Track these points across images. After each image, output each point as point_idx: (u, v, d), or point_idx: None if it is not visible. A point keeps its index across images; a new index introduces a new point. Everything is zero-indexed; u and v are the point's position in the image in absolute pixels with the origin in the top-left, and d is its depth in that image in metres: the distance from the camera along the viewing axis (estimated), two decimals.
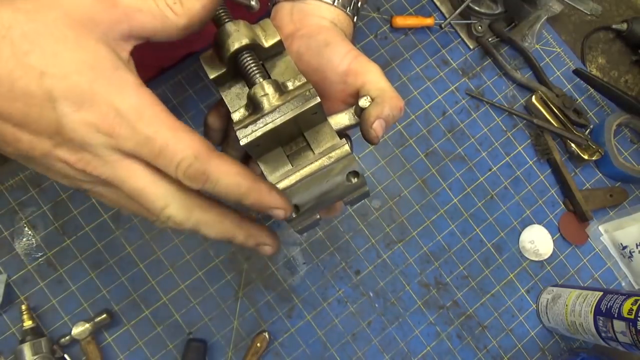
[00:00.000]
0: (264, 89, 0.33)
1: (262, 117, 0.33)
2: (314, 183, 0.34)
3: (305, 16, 0.43)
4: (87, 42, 0.27)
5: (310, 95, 0.33)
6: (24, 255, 0.63)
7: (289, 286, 0.67)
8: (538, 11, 0.73)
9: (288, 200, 0.33)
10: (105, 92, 0.26)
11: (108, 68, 0.27)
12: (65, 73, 0.26)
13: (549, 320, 0.67)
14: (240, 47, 0.34)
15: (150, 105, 0.27)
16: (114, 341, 0.63)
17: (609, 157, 0.72)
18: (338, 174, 0.34)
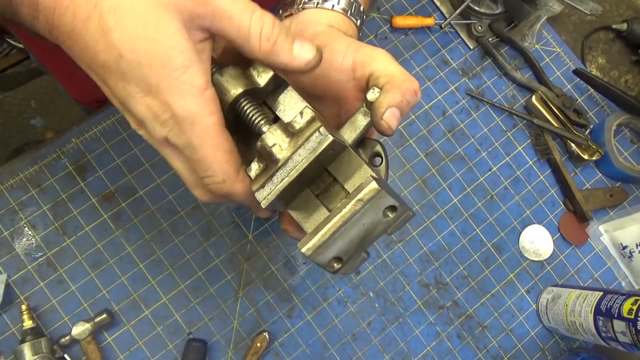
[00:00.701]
0: (272, 139, 0.31)
1: (276, 171, 0.31)
2: (351, 229, 0.31)
3: (303, 27, 0.42)
4: (167, 29, 0.27)
5: (321, 135, 0.31)
6: (24, 255, 0.63)
7: (289, 286, 0.67)
8: (538, 11, 0.73)
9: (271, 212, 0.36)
10: (168, 93, 0.28)
11: (179, 66, 0.28)
12: (139, 62, 0.27)
13: (549, 320, 0.67)
14: (235, 97, 0.32)
15: (205, 115, 0.29)
16: (114, 341, 0.63)
17: (609, 157, 0.72)
18: (374, 214, 0.31)
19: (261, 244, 0.67)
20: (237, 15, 0.29)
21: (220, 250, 0.66)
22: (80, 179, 0.65)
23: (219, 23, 0.29)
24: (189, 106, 0.28)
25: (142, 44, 0.27)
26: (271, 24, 0.30)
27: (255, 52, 0.31)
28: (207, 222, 0.67)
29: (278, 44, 0.31)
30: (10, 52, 1.35)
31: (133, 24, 0.27)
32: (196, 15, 0.28)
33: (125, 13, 0.27)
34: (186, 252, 0.66)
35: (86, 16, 0.27)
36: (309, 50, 0.32)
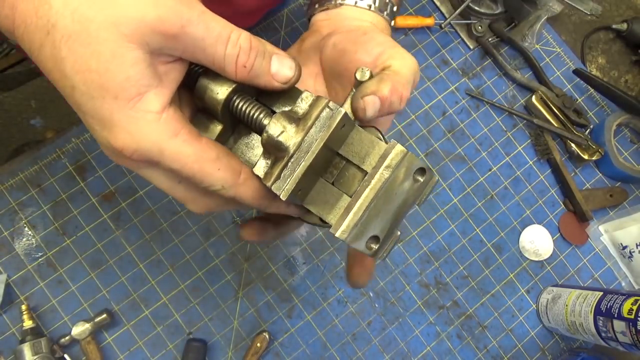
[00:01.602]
0: (277, 128, 0.29)
1: (289, 159, 0.29)
2: (384, 202, 0.29)
3: (344, 19, 0.42)
4: (125, 59, 0.26)
5: (332, 109, 0.29)
6: (24, 255, 0.63)
7: (289, 286, 0.67)
8: (538, 11, 0.73)
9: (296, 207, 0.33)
10: (125, 125, 0.26)
11: (132, 96, 0.26)
12: (91, 95, 0.26)
13: (549, 320, 0.67)
14: (227, 96, 0.30)
15: (169, 138, 0.27)
16: (114, 341, 0.63)
17: (609, 157, 0.72)
18: (404, 180, 0.30)
19: (261, 244, 0.67)
20: (210, 46, 0.28)
21: (220, 250, 0.66)
22: (80, 179, 0.65)
23: (192, 55, 0.28)
24: (148, 135, 0.27)
25: (93, 76, 0.25)
26: (247, 49, 0.29)
27: (233, 78, 0.30)
28: (207, 222, 0.67)
29: (255, 68, 0.29)
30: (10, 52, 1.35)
31: (86, 55, 0.25)
32: (166, 47, 0.27)
33: (78, 43, 0.25)
34: (186, 252, 0.66)
35: (40, 44, 0.26)
36: (287, 69, 0.31)
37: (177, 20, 0.26)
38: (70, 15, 0.25)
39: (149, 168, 0.29)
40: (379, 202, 0.29)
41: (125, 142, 0.27)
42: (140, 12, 0.25)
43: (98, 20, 0.25)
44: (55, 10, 0.25)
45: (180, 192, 0.31)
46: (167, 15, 0.26)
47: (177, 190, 0.31)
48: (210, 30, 0.27)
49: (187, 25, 0.26)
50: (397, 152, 0.29)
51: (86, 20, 0.25)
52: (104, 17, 0.25)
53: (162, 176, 0.30)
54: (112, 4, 0.25)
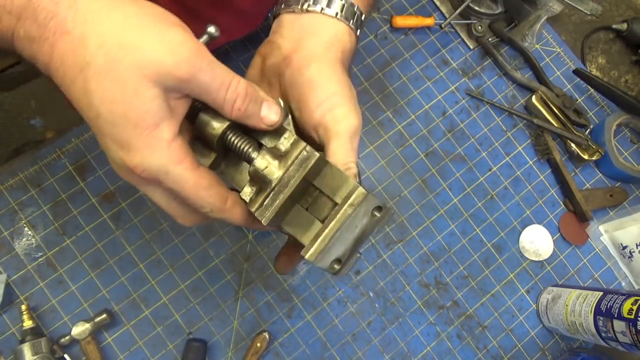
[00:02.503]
0: (263, 163, 0.35)
1: (271, 190, 0.34)
2: (346, 232, 0.35)
3: (306, 35, 0.42)
4: (145, 95, 0.31)
5: (308, 153, 0.34)
6: (24, 255, 0.63)
7: (289, 286, 0.67)
8: (538, 11, 0.73)
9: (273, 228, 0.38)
10: (140, 149, 0.31)
11: (150, 126, 0.31)
12: (113, 122, 0.31)
13: (549, 320, 0.67)
14: (222, 131, 0.35)
15: (175, 164, 0.32)
16: (114, 341, 0.63)
17: (609, 157, 0.72)
18: (364, 216, 0.35)
19: (261, 244, 0.67)
20: (214, 90, 0.33)
21: (220, 250, 0.66)
22: (80, 179, 0.65)
23: (198, 94, 0.33)
24: (158, 159, 0.32)
25: (118, 106, 0.30)
26: (243, 95, 0.34)
27: (227, 117, 0.35)
28: (211, 223, 0.67)
29: (247, 111, 0.35)
30: None
31: (113, 89, 0.30)
32: (178, 87, 0.32)
33: (107, 79, 0.30)
34: (186, 252, 0.66)
35: (73, 78, 0.30)
36: (274, 114, 0.36)
37: (190, 68, 0.31)
38: (103, 56, 0.30)
39: (151, 185, 0.34)
40: (342, 232, 0.35)
41: (138, 161, 0.32)
42: (161, 58, 0.30)
43: (126, 62, 0.30)
44: (91, 51, 0.30)
45: (173, 208, 0.36)
46: (182, 63, 0.31)
47: (171, 207, 0.36)
48: (216, 77, 0.33)
49: (197, 72, 0.31)
50: (359, 194, 0.35)
51: (116, 61, 0.30)
52: (131, 59, 0.30)
53: (161, 194, 0.35)
54: (138, 50, 0.30)
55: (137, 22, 0.31)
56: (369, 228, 0.36)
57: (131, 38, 0.30)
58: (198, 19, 0.53)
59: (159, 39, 0.31)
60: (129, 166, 0.32)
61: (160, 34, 0.31)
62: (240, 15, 0.57)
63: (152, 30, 0.31)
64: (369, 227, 0.36)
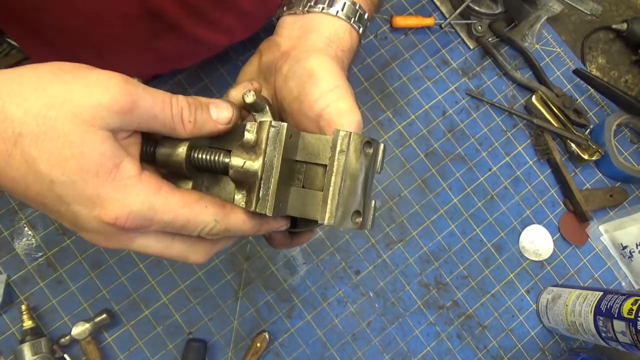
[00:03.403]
0: (239, 160, 0.33)
1: (260, 181, 0.33)
2: (350, 182, 0.33)
3: (305, 33, 0.42)
4: (94, 140, 0.28)
5: (276, 126, 0.33)
6: (24, 255, 0.63)
7: (289, 286, 0.67)
8: (538, 11, 0.73)
9: (283, 219, 0.37)
10: (113, 195, 0.29)
11: (111, 169, 0.29)
12: (73, 180, 0.28)
13: (549, 320, 0.67)
14: (186, 154, 0.34)
15: (156, 193, 0.30)
16: (114, 341, 0.63)
17: (609, 157, 0.72)
18: (358, 158, 0.33)
19: (261, 244, 0.67)
20: (160, 112, 0.31)
21: (220, 251, 0.66)
22: None
23: (146, 124, 0.31)
24: (136, 196, 0.29)
25: (71, 163, 0.28)
26: (187, 107, 0.32)
27: (183, 135, 0.33)
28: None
29: (198, 120, 0.33)
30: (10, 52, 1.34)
31: (58, 148, 0.27)
32: (123, 123, 0.29)
33: (47, 141, 0.27)
34: None
35: (7, 154, 0.27)
36: (225, 111, 0.34)
37: (128, 98, 0.29)
38: (34, 119, 0.27)
39: (141, 237, 0.31)
40: (347, 183, 0.33)
41: (116, 210, 0.29)
42: (95, 99, 0.28)
43: (61, 117, 0.27)
44: (18, 120, 0.27)
45: (177, 249, 0.33)
46: (119, 95, 0.29)
47: (174, 248, 0.33)
48: (156, 99, 0.31)
49: (137, 100, 0.29)
50: (343, 136, 0.33)
51: (50, 120, 0.27)
52: (65, 112, 0.27)
53: (156, 240, 0.32)
54: (69, 100, 0.28)
55: (53, 77, 0.28)
56: (370, 168, 0.34)
57: (55, 94, 0.28)
58: (203, 20, 0.53)
59: (85, 84, 0.29)
60: (109, 222, 0.29)
61: (84, 79, 0.29)
62: (244, 17, 0.57)
63: (73, 79, 0.29)
64: (369, 166, 0.34)
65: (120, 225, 0.29)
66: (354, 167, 0.33)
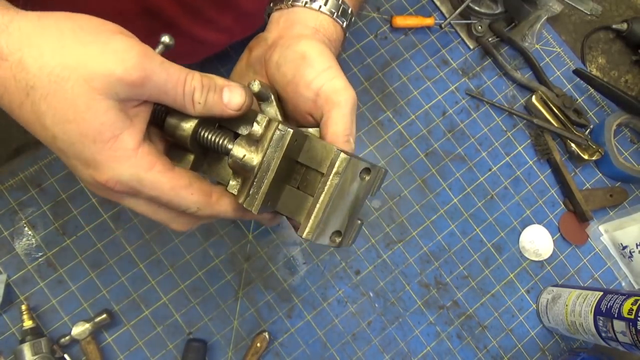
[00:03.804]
0: (241, 151, 0.34)
1: (255, 177, 0.33)
2: (338, 202, 0.33)
3: (291, 24, 0.43)
4: (98, 108, 0.29)
5: (282, 131, 0.33)
6: (24, 255, 0.63)
7: (289, 286, 0.67)
8: (538, 11, 0.73)
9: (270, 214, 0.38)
10: (106, 163, 0.30)
11: (109, 139, 0.30)
12: (72, 141, 0.30)
13: (549, 320, 0.67)
14: (192, 131, 0.34)
15: (146, 170, 0.31)
16: (114, 341, 0.63)
17: (609, 157, 0.72)
18: (352, 181, 0.34)
19: (261, 244, 0.67)
20: (172, 89, 0.32)
21: (220, 250, 0.66)
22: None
23: (157, 98, 0.32)
24: (127, 169, 0.31)
25: (72, 125, 0.29)
26: (200, 88, 0.33)
27: (192, 114, 0.34)
28: (208, 223, 0.67)
29: (208, 102, 0.34)
30: None
31: (64, 108, 0.29)
32: (133, 94, 0.30)
33: (55, 99, 0.29)
34: (186, 252, 0.66)
35: (20, 103, 0.29)
36: (238, 96, 0.35)
37: (141, 72, 0.30)
38: (47, 77, 0.28)
39: (131, 197, 0.33)
40: (335, 203, 0.33)
41: (108, 176, 0.31)
42: (108, 68, 0.29)
43: (72, 79, 0.29)
44: (33, 74, 0.28)
45: (161, 215, 0.35)
46: (132, 69, 0.29)
47: (159, 214, 0.35)
48: (170, 76, 0.32)
49: (150, 75, 0.30)
50: (342, 160, 0.33)
51: (62, 80, 0.29)
52: (77, 75, 0.29)
53: (144, 204, 0.34)
54: (83, 65, 0.29)
55: (74, 37, 0.29)
56: (362, 193, 0.34)
57: (72, 54, 0.29)
58: (200, 18, 0.53)
59: (102, 50, 0.29)
60: (101, 183, 0.31)
61: (103, 45, 0.30)
62: (242, 17, 0.57)
63: (93, 43, 0.29)
64: (362, 191, 0.34)
65: (109, 188, 0.31)
66: (346, 191, 0.33)
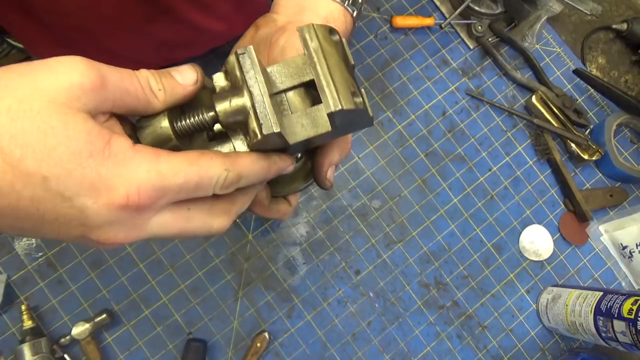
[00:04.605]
0: (224, 103, 0.31)
1: (253, 109, 0.31)
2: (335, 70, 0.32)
3: (301, 10, 0.43)
4: (76, 121, 0.26)
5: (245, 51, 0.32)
6: (24, 255, 0.63)
7: (289, 286, 0.67)
8: (538, 11, 0.73)
9: (289, 158, 0.35)
10: (115, 172, 0.26)
11: (103, 146, 0.26)
12: (67, 170, 0.25)
13: (549, 320, 0.67)
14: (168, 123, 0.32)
15: (157, 159, 0.28)
16: (114, 341, 0.63)
17: (609, 157, 0.72)
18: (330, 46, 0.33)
19: (261, 244, 0.67)
20: (130, 85, 0.29)
21: (220, 250, 0.66)
22: None
23: (121, 101, 0.29)
24: (138, 167, 0.27)
25: (60, 150, 0.25)
26: (152, 76, 0.30)
27: (158, 106, 0.31)
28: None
29: (167, 87, 0.31)
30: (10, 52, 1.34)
31: (41, 139, 0.24)
32: (99, 103, 0.27)
33: (28, 135, 0.24)
34: (186, 252, 0.66)
35: None
36: (189, 72, 0.32)
37: (97, 72, 0.27)
38: (7, 117, 0.24)
39: (157, 215, 0.29)
40: (333, 68, 0.32)
41: (124, 187, 0.26)
42: (65, 80, 0.26)
43: (35, 107, 0.25)
44: None
45: (197, 218, 0.31)
46: (87, 72, 0.26)
47: (194, 219, 0.31)
48: (121, 72, 0.28)
49: (105, 74, 0.27)
50: (309, 29, 0.32)
51: (24, 113, 0.24)
52: (39, 101, 0.25)
53: (172, 215, 0.30)
54: (38, 89, 0.25)
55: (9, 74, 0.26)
56: (345, 54, 0.34)
57: (20, 86, 0.25)
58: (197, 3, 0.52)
59: (47, 69, 0.26)
60: (122, 204, 0.26)
61: (43, 66, 0.26)
62: (242, 5, 0.57)
63: (33, 69, 0.26)
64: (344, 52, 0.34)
65: (134, 204, 0.26)
66: (330, 52, 0.33)
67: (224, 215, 0.33)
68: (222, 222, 0.33)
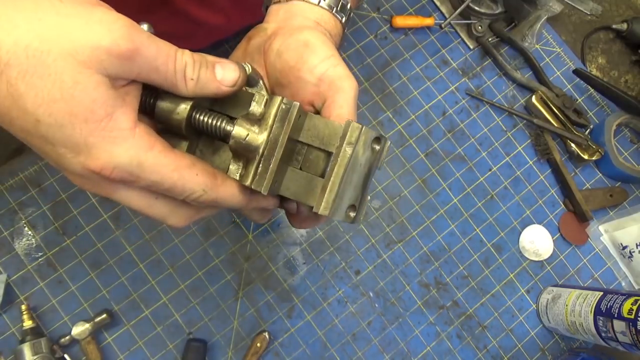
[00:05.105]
0: (243, 131, 0.31)
1: (261, 157, 0.31)
2: (352, 175, 0.32)
3: (291, 16, 0.43)
4: (87, 84, 0.26)
5: (287, 105, 0.32)
6: (24, 255, 0.63)
7: (289, 286, 0.67)
8: (538, 11, 0.73)
9: (274, 198, 0.36)
10: (101, 145, 0.27)
11: (102, 117, 0.27)
12: (59, 123, 0.26)
13: (549, 320, 0.67)
14: (188, 113, 0.32)
15: (146, 151, 0.28)
16: (114, 341, 0.63)
17: (609, 157, 0.72)
18: (364, 151, 0.33)
19: (261, 244, 0.67)
20: (162, 64, 0.29)
21: (220, 250, 0.66)
22: None
23: (146, 75, 0.29)
24: (126, 151, 0.28)
25: (59, 104, 0.25)
26: (191, 63, 0.30)
27: (184, 93, 0.31)
28: (207, 222, 0.67)
29: (201, 78, 0.31)
30: None
31: (47, 87, 0.25)
32: (122, 70, 0.27)
33: (36, 77, 0.25)
34: (186, 252, 0.66)
35: None
36: (232, 71, 0.32)
37: (131, 44, 0.27)
38: (24, 51, 0.25)
39: (125, 189, 0.30)
40: (349, 176, 0.32)
41: (104, 161, 0.27)
42: (95, 39, 0.26)
43: (54, 53, 0.25)
44: (6, 49, 0.25)
45: (159, 208, 0.32)
46: (121, 40, 0.26)
47: (156, 207, 0.32)
48: (160, 50, 0.29)
49: (140, 47, 0.27)
50: (354, 129, 0.32)
51: (42, 54, 0.25)
52: (60, 49, 0.25)
53: (139, 195, 0.31)
54: (66, 37, 0.25)
55: (52, 8, 0.26)
56: (374, 163, 0.34)
57: (52, 26, 0.25)
58: None
59: (86, 20, 0.26)
60: (95, 170, 0.27)
61: (86, 15, 0.26)
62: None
63: (74, 14, 0.26)
64: (373, 162, 0.34)
65: (105, 176, 0.28)
66: (358, 161, 0.33)
67: (184, 218, 0.33)
68: (178, 222, 0.33)
